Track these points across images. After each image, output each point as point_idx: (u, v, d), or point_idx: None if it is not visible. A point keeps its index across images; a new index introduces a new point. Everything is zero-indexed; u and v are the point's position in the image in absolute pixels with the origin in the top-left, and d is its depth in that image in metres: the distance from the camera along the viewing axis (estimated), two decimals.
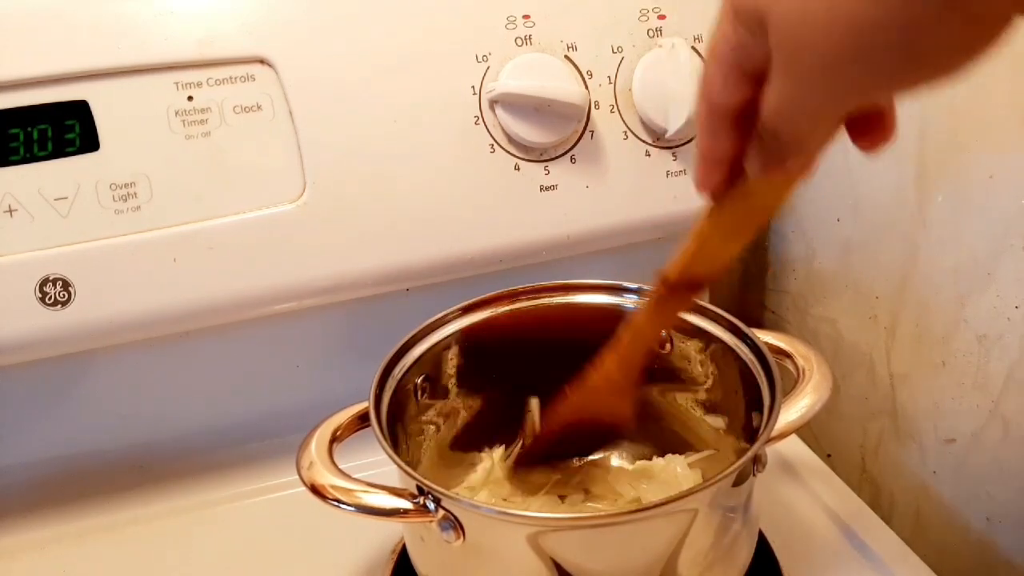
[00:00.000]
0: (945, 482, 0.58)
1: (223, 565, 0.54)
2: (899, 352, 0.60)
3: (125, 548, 0.56)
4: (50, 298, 0.50)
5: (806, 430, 0.58)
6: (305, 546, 0.55)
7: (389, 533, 0.54)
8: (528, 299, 0.54)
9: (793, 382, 0.48)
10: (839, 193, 0.63)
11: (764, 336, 0.49)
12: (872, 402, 0.64)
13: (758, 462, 0.44)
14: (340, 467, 0.44)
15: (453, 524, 0.41)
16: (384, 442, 0.43)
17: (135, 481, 0.60)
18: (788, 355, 0.49)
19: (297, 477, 0.44)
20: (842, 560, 0.52)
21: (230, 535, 0.57)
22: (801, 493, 0.57)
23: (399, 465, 0.41)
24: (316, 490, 0.43)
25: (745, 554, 0.46)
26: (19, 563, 0.55)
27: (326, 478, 0.43)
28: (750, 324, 0.50)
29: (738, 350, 0.49)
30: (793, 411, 0.46)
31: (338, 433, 0.46)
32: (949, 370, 0.56)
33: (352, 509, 0.42)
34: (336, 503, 0.42)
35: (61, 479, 0.59)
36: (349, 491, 0.42)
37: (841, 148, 0.60)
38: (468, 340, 0.53)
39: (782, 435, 0.46)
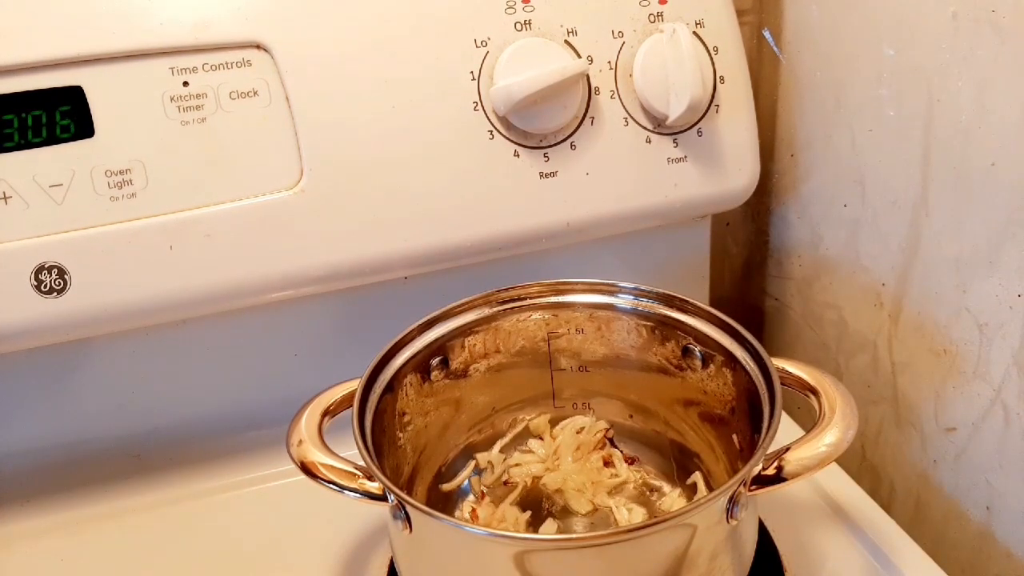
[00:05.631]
0: (945, 471, 0.58)
1: (220, 554, 0.54)
2: (901, 339, 0.60)
3: (121, 537, 0.56)
4: (45, 286, 0.50)
5: (805, 416, 0.58)
6: (303, 534, 0.55)
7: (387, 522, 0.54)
8: (521, 299, 0.54)
9: (816, 418, 0.45)
10: (845, 179, 0.62)
11: (793, 368, 0.46)
12: (874, 389, 0.64)
13: (735, 503, 0.42)
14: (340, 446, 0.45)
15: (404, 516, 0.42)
16: (361, 442, 0.43)
17: (131, 470, 0.60)
18: (814, 392, 0.46)
19: (294, 466, 0.44)
20: (841, 548, 0.52)
21: (226, 523, 0.57)
22: (800, 481, 0.57)
23: (365, 459, 0.42)
24: (305, 467, 0.44)
25: (747, 552, 0.46)
26: (14, 552, 0.56)
27: (315, 455, 0.44)
28: (751, 312, 0.49)
29: (749, 370, 0.47)
30: (806, 450, 0.43)
31: (330, 408, 0.47)
32: (950, 358, 0.55)
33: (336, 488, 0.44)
34: (328, 483, 0.44)
35: (57, 468, 0.59)
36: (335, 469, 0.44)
37: (848, 133, 0.60)
38: (461, 340, 0.53)
39: (793, 476, 0.43)
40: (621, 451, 0.56)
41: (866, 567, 0.51)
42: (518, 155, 0.57)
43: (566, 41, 0.57)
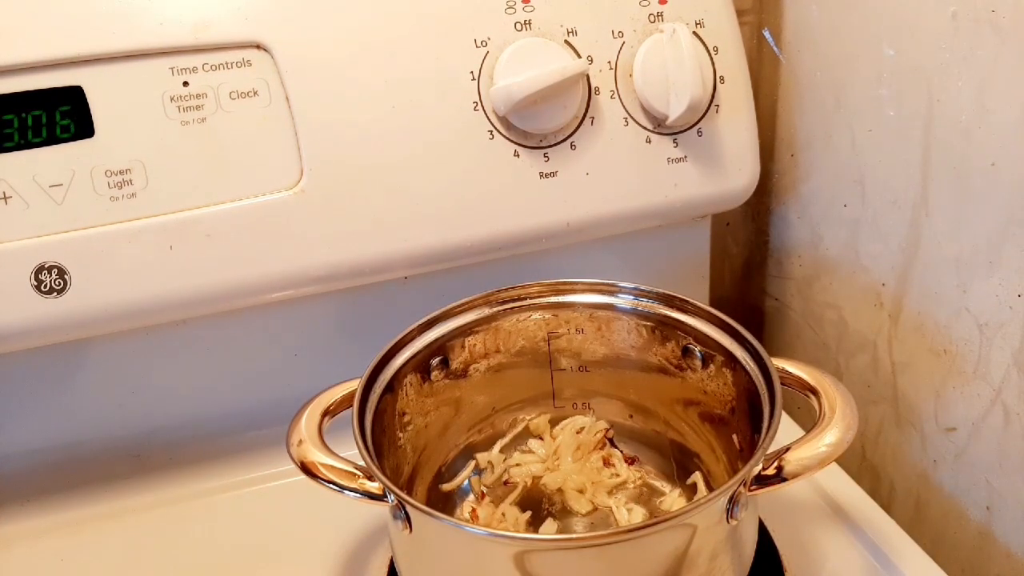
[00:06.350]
0: (945, 471, 0.58)
1: (220, 554, 0.54)
2: (901, 339, 0.60)
3: (121, 537, 0.56)
4: (46, 286, 0.50)
5: (805, 416, 0.58)
6: (303, 534, 0.55)
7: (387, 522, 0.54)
8: (521, 299, 0.54)
9: (816, 418, 0.44)
10: (845, 179, 0.62)
11: (793, 368, 0.47)
12: (874, 389, 0.64)
13: (735, 503, 0.42)
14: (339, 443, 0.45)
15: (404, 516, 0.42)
16: (361, 442, 0.43)
17: (131, 470, 0.60)
18: (814, 392, 0.46)
19: (294, 466, 0.44)
20: (841, 548, 0.52)
21: (226, 524, 0.57)
22: (800, 480, 0.57)
23: (365, 459, 0.42)
24: (305, 467, 0.44)
25: (747, 552, 0.46)
26: (14, 552, 0.56)
27: (315, 455, 0.44)
28: (751, 312, 0.49)
29: (749, 370, 0.47)
30: (806, 450, 0.43)
31: (330, 408, 0.47)
32: (950, 358, 0.55)
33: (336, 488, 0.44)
34: (328, 483, 0.44)
35: (57, 468, 0.59)
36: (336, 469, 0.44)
37: (848, 133, 0.60)
38: (461, 340, 0.53)
39: (793, 476, 0.42)
40: (621, 451, 0.56)
41: (866, 567, 0.51)
42: (518, 155, 0.57)
43: (566, 41, 0.57)
